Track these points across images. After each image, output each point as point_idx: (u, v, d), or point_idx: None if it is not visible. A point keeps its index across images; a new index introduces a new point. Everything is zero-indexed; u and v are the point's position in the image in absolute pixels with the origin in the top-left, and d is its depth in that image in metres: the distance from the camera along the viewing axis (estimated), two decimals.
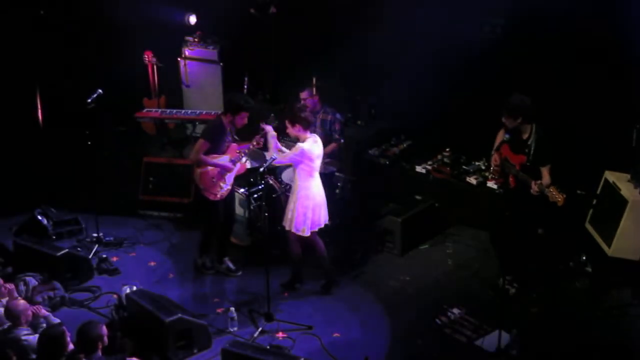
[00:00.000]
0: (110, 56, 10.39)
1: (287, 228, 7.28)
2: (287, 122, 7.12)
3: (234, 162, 7.56)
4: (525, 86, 7.91)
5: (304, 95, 8.42)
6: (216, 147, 7.48)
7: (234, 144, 7.57)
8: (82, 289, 7.69)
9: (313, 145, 7.12)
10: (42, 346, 5.67)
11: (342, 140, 8.53)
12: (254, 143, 7.45)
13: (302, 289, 7.63)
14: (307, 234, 7.22)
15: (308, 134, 7.14)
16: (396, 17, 9.33)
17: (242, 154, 7.58)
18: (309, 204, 7.15)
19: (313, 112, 8.44)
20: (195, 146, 7.56)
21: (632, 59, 7.72)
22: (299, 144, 7.07)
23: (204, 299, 7.55)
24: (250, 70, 11.00)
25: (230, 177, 7.62)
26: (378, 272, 8.02)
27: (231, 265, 7.97)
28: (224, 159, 7.53)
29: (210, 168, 7.50)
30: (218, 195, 7.59)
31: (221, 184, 7.56)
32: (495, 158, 7.27)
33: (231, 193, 7.84)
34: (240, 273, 7.94)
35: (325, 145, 8.45)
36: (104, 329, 5.66)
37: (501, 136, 7.35)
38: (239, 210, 8.27)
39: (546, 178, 6.86)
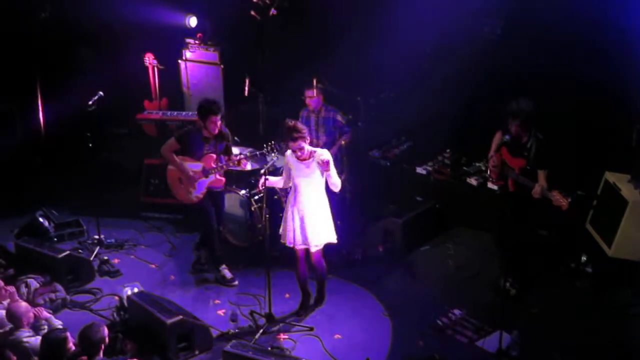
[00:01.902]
0: (111, 58, 10.40)
1: (322, 244, 7.03)
2: (301, 143, 6.71)
3: (206, 172, 7.47)
4: (525, 87, 7.94)
5: (309, 93, 8.41)
6: (188, 152, 7.49)
7: (213, 155, 7.50)
8: (83, 290, 7.70)
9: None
10: (44, 350, 5.68)
11: (344, 141, 8.52)
12: (234, 162, 7.47)
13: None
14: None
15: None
16: (396, 19, 9.34)
17: (219, 168, 7.49)
18: None
19: (315, 112, 8.47)
20: (167, 141, 7.61)
21: (632, 59, 7.73)
22: (328, 156, 6.79)
23: (205, 301, 7.55)
24: (251, 72, 11.00)
25: (201, 185, 7.53)
26: (379, 274, 8.02)
27: (227, 274, 7.85)
28: (196, 166, 7.47)
29: (175, 169, 7.55)
30: (186, 200, 7.58)
31: (190, 189, 7.51)
32: (493, 160, 7.28)
33: (219, 201, 7.80)
34: (236, 283, 7.79)
35: (331, 144, 8.48)
36: (106, 330, 5.67)
37: (498, 139, 7.36)
38: (239, 211, 8.28)
39: (542, 181, 6.87)
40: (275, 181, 7.13)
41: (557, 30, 8.26)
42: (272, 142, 7.27)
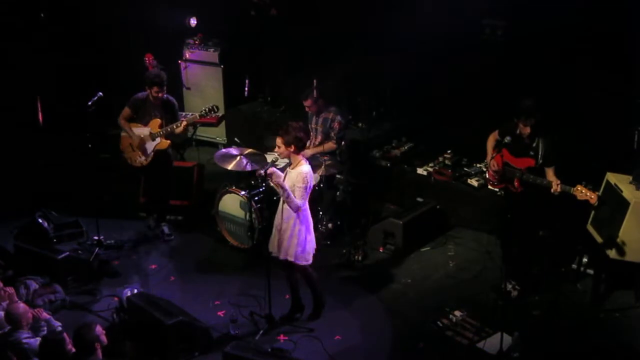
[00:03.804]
0: (111, 59, 10.38)
1: (307, 262, 6.81)
2: (281, 141, 6.51)
3: (153, 136, 8.20)
4: (526, 88, 7.92)
5: (307, 103, 8.41)
6: (138, 117, 8.30)
7: (158, 120, 8.20)
8: (82, 291, 7.67)
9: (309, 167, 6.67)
10: (44, 352, 5.65)
11: (343, 142, 8.51)
12: (176, 125, 8.11)
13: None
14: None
15: (301, 157, 6.67)
16: (397, 19, 9.33)
17: (164, 132, 8.12)
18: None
19: (317, 113, 8.46)
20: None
21: (633, 60, 7.72)
22: (305, 170, 6.57)
23: (205, 302, 7.52)
24: (251, 72, 10.99)
25: (148, 149, 8.26)
26: (379, 275, 8.00)
27: (167, 230, 8.63)
28: (143, 130, 8.23)
29: (127, 135, 8.33)
30: (137, 163, 8.37)
31: (140, 153, 8.31)
32: (493, 163, 7.23)
33: (166, 159, 8.42)
34: (172, 237, 8.57)
35: (322, 142, 8.47)
36: (99, 329, 5.64)
37: (493, 140, 7.32)
38: (240, 212, 8.26)
39: (554, 178, 6.86)
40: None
41: (558, 31, 8.25)
42: (214, 105, 8.23)
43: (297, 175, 6.53)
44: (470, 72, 8.98)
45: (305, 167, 6.58)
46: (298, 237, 6.68)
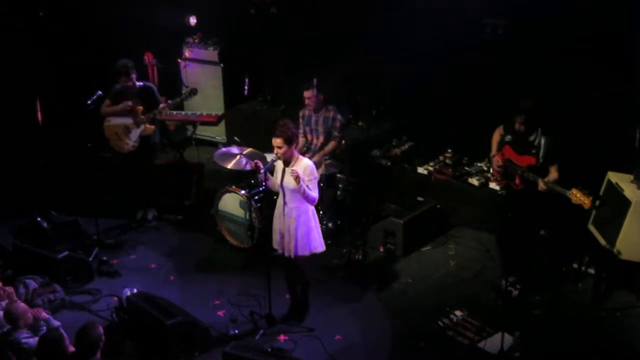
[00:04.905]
0: (110, 57, 10.34)
1: (310, 253, 6.83)
2: (281, 141, 6.51)
3: (137, 123, 8.42)
4: (527, 87, 7.91)
5: (307, 94, 8.37)
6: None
7: (140, 107, 8.40)
8: (82, 291, 7.66)
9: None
10: (41, 351, 5.64)
11: (343, 141, 8.50)
12: (158, 111, 8.40)
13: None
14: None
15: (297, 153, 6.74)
16: (397, 18, 9.32)
17: (147, 118, 8.38)
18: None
19: (316, 110, 8.43)
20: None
21: (635, 59, 7.70)
22: (310, 163, 6.63)
23: (205, 301, 7.50)
24: (251, 71, 10.98)
25: (134, 135, 8.45)
26: (380, 274, 7.99)
27: (150, 217, 8.88)
28: (128, 119, 8.46)
29: (112, 123, 8.49)
30: (124, 150, 8.53)
31: (126, 140, 8.49)
32: (497, 159, 7.23)
33: (149, 149, 8.64)
34: (154, 223, 8.81)
35: (325, 143, 8.45)
36: (101, 329, 5.63)
37: (497, 137, 7.32)
38: (240, 212, 8.24)
39: (554, 175, 6.85)
40: (270, 179, 6.96)
41: (559, 30, 8.23)
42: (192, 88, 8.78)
43: (304, 170, 6.56)
44: (471, 72, 8.96)
45: (307, 160, 6.68)
46: (316, 227, 6.82)
